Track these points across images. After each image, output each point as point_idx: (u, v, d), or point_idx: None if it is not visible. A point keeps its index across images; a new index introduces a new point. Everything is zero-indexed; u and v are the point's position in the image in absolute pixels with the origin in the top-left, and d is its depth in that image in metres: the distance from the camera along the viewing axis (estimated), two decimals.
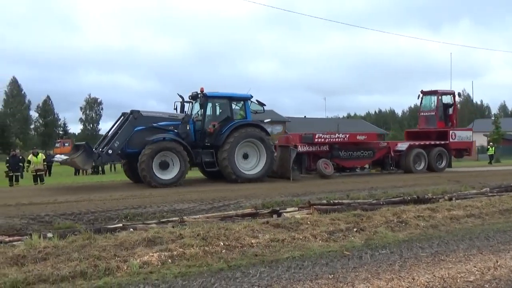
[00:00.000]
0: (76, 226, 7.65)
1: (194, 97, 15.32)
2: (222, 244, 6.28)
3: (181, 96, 15.53)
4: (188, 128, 14.35)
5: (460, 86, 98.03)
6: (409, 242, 6.95)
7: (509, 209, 9.55)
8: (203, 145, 14.62)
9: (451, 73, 63.96)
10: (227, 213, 8.87)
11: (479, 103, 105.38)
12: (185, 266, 5.48)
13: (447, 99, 21.16)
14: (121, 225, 7.60)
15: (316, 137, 16.55)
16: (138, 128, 13.67)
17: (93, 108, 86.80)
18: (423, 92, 21.37)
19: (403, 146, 18.87)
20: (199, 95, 14.78)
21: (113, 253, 5.76)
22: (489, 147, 39.09)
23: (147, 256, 5.65)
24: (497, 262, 5.83)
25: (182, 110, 15.38)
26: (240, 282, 5.00)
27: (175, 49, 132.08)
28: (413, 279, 5.13)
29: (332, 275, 5.27)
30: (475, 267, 5.63)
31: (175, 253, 5.82)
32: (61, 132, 79.11)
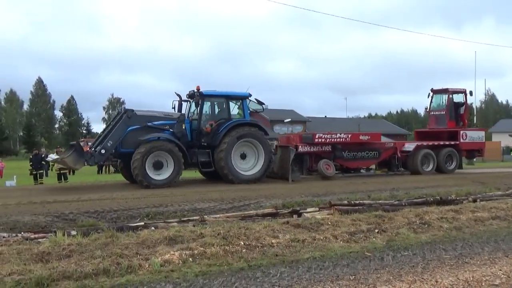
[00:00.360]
0: (99, 224, 7.77)
1: (191, 96, 14.88)
2: (242, 243, 6.29)
3: (178, 95, 15.09)
4: (184, 127, 13.97)
5: (483, 86, 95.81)
6: (432, 244, 6.83)
7: None
8: (199, 145, 14.22)
9: (475, 73, 62.28)
10: (247, 212, 8.89)
11: (504, 102, 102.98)
12: (205, 265, 5.50)
13: (458, 97, 20.30)
14: (143, 223, 7.69)
15: (316, 137, 16.04)
16: (133, 127, 13.40)
17: (115, 108, 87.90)
18: (433, 90, 20.54)
19: (410, 146, 18.17)
20: (195, 93, 14.40)
21: (135, 251, 5.82)
22: None
23: (168, 255, 5.69)
24: None
25: (180, 109, 14.96)
26: (260, 282, 4.99)
27: (195, 49, 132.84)
28: (436, 281, 5.05)
29: (353, 276, 5.22)
30: (500, 270, 5.51)
31: (196, 252, 5.85)
32: (84, 131, 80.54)
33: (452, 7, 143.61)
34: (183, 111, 15.11)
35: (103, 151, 12.91)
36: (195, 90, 14.41)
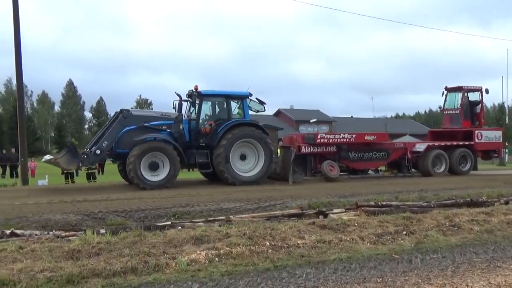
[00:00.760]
0: (127, 223, 7.86)
1: (190, 95, 14.67)
2: (268, 244, 6.28)
3: (178, 95, 14.70)
4: (182, 127, 13.74)
5: None
6: (462, 247, 6.67)
7: None
8: (197, 145, 13.95)
9: (507, 71, 60.26)
10: (273, 213, 8.85)
11: None
12: (231, 264, 5.51)
13: (473, 96, 19.51)
14: (169, 223, 7.74)
15: (318, 137, 15.74)
16: (129, 127, 13.25)
17: (143, 109, 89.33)
18: (447, 88, 19.78)
19: (421, 147, 17.59)
20: (193, 93, 14.23)
21: (162, 250, 5.88)
22: None
23: (195, 254, 5.72)
24: None
25: (180, 109, 14.41)
26: (286, 283, 4.97)
27: (220, 51, 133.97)
28: (467, 285, 4.92)
29: (381, 279, 5.14)
30: None
31: (222, 251, 5.87)
32: None
33: (479, 5, 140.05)
34: (183, 111, 14.71)
35: (98, 151, 12.79)
36: (193, 90, 14.24)
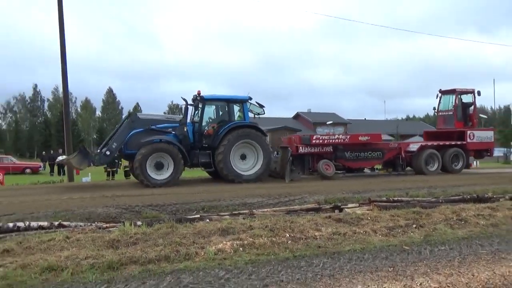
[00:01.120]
0: (161, 216, 7.97)
1: (194, 100, 14.65)
2: (288, 235, 6.29)
3: (184, 100, 14.47)
4: (186, 130, 13.77)
5: None
6: (468, 239, 6.54)
7: None
8: (201, 146, 13.92)
9: None
10: (292, 207, 8.86)
11: None
12: (254, 254, 5.55)
13: (466, 98, 19.08)
14: (198, 216, 7.83)
15: (314, 138, 15.52)
16: (137, 130, 13.32)
17: (175, 113, 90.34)
18: (441, 91, 19.41)
19: (414, 146, 17.20)
20: (196, 98, 14.24)
21: (192, 240, 5.96)
22: None
23: (221, 244, 5.78)
24: None
25: (186, 112, 14.31)
26: (304, 271, 4.98)
27: (244, 60, 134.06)
28: (473, 275, 4.83)
29: (392, 268, 5.09)
30: None
31: (245, 242, 5.90)
32: None
33: (484, 13, 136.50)
34: (189, 114, 14.62)
35: (108, 152, 12.93)
36: (196, 95, 14.27)
